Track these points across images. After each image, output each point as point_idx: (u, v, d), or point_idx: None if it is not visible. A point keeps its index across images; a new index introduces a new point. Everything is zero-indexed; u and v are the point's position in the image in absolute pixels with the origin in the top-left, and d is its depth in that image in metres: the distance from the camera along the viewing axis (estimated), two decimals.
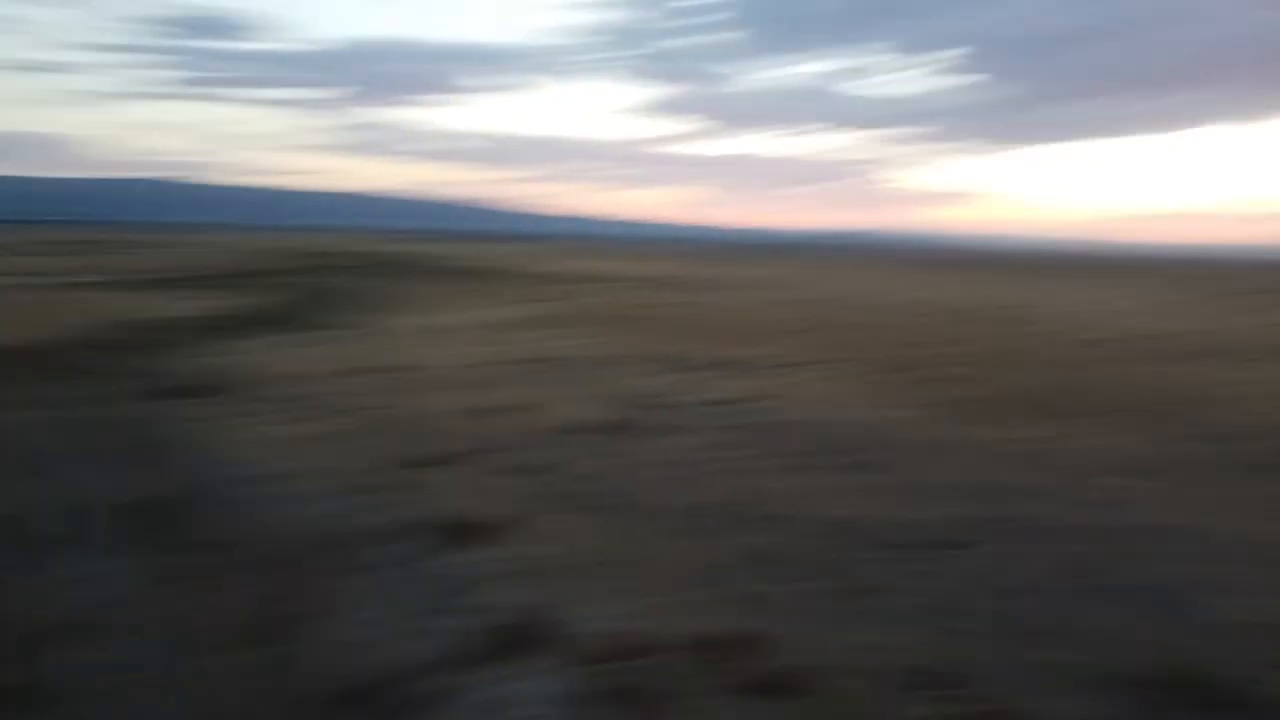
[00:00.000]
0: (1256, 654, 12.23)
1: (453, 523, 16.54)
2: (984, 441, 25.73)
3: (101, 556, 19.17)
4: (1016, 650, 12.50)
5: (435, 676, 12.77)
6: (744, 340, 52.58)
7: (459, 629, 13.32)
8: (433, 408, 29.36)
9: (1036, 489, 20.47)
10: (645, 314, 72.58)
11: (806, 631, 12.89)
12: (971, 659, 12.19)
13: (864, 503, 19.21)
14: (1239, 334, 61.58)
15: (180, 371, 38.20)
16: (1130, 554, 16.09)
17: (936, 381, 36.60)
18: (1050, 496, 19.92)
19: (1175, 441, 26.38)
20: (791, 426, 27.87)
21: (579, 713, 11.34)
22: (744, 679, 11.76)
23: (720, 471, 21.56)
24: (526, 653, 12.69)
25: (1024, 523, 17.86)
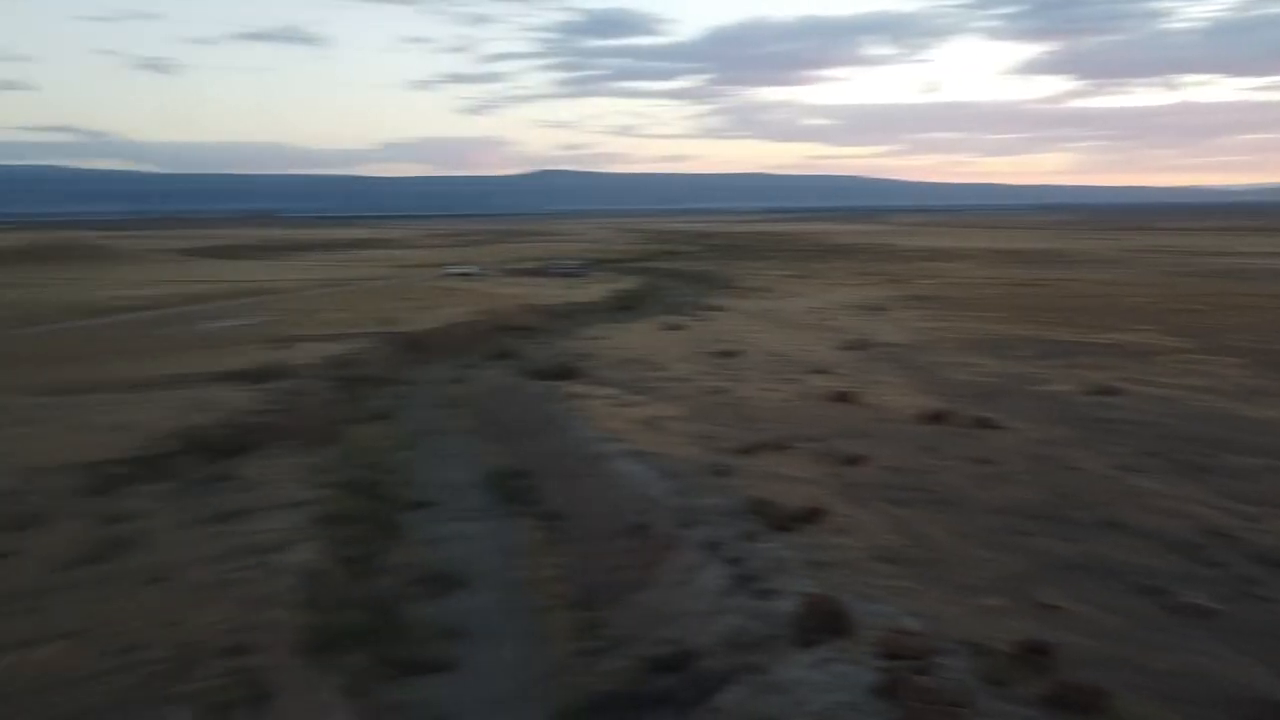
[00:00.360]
0: None
1: (771, 508, 17.52)
2: None
3: (471, 519, 22.45)
4: None
5: (737, 655, 13.88)
6: (1102, 323, 48.44)
7: (764, 611, 14.28)
8: (764, 392, 30.60)
9: None
10: (995, 294, 68.95)
11: (1117, 650, 12.32)
12: None
13: (1206, 514, 17.56)
14: None
15: (553, 353, 42.72)
16: None
17: None
18: None
19: None
20: (1137, 423, 25.67)
21: (870, 706, 11.85)
22: (1038, 692, 11.56)
23: (1047, 469, 20.54)
24: (824, 641, 13.36)
25: None
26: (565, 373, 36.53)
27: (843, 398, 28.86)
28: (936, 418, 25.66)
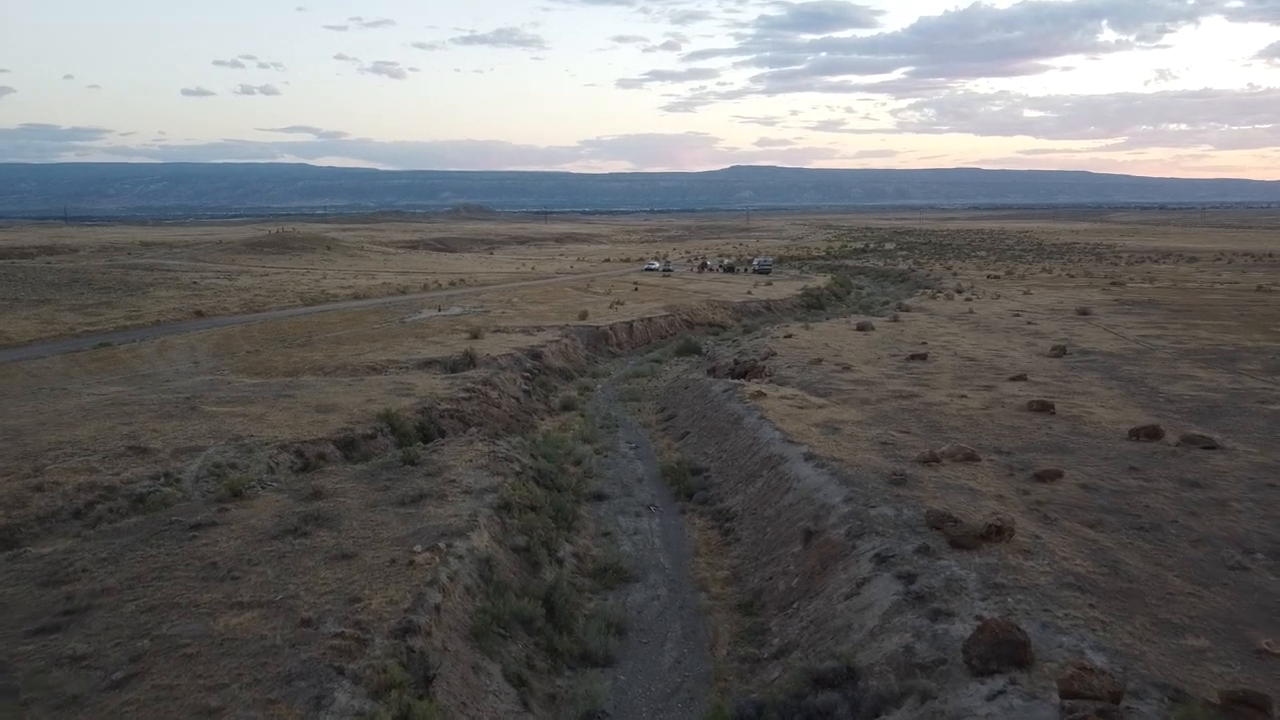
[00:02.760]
0: None
1: (951, 523, 16.58)
2: None
3: (645, 514, 22.54)
4: None
5: (905, 677, 13.16)
6: None
7: (936, 632, 13.49)
8: (954, 399, 29.13)
9: None
10: (1221, 300, 62.72)
11: None
12: None
13: None
14: None
15: (738, 351, 42.49)
16: None
17: None
18: None
19: None
20: None
21: None
22: None
23: (1272, 497, 18.34)
24: (1000, 670, 12.46)
25: None
26: (749, 371, 36.18)
27: (1041, 408, 26.99)
28: (1144, 434, 23.49)
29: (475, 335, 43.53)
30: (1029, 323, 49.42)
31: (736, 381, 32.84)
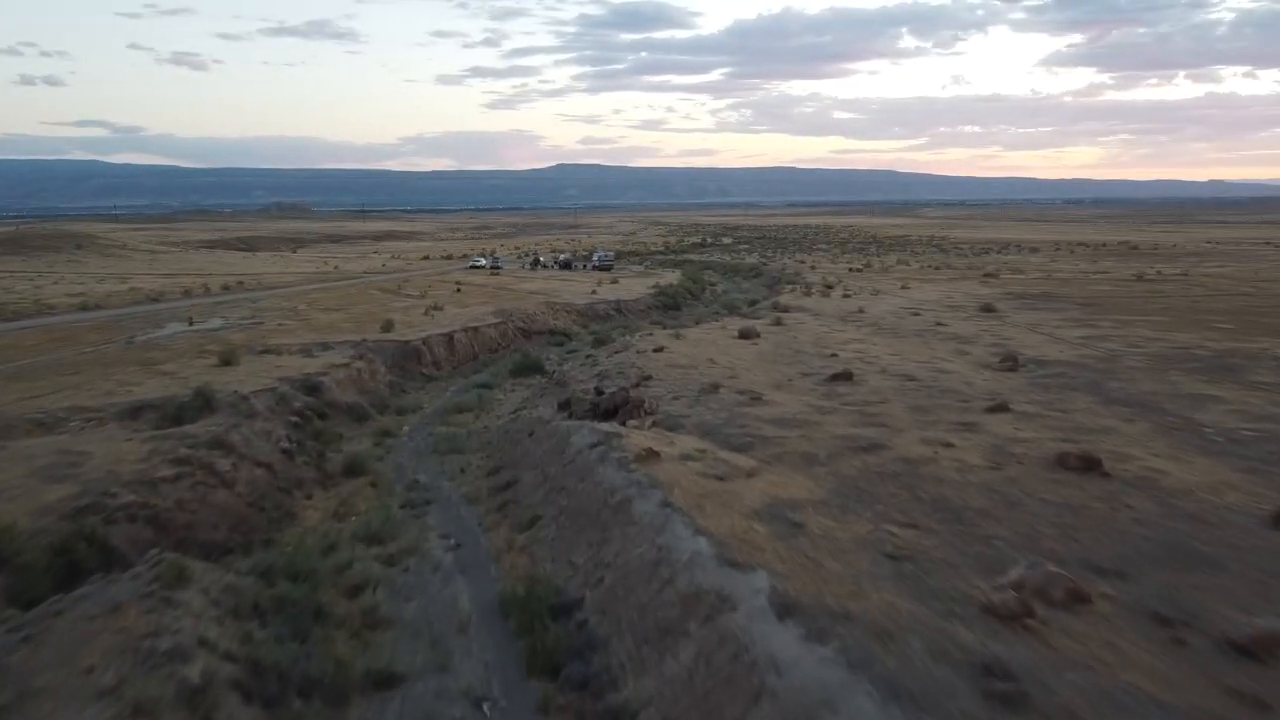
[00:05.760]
0: None
1: None
2: None
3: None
4: None
5: None
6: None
7: None
8: (936, 450, 19.46)
9: None
10: (1117, 292, 57.36)
11: None
12: None
13: None
14: None
15: (596, 370, 31.65)
16: None
17: None
18: None
19: None
20: None
21: None
22: None
23: None
24: None
25: None
26: (620, 406, 25.47)
27: (1083, 465, 17.56)
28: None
29: (227, 361, 30.96)
30: (938, 324, 41.12)
31: (607, 428, 22.03)
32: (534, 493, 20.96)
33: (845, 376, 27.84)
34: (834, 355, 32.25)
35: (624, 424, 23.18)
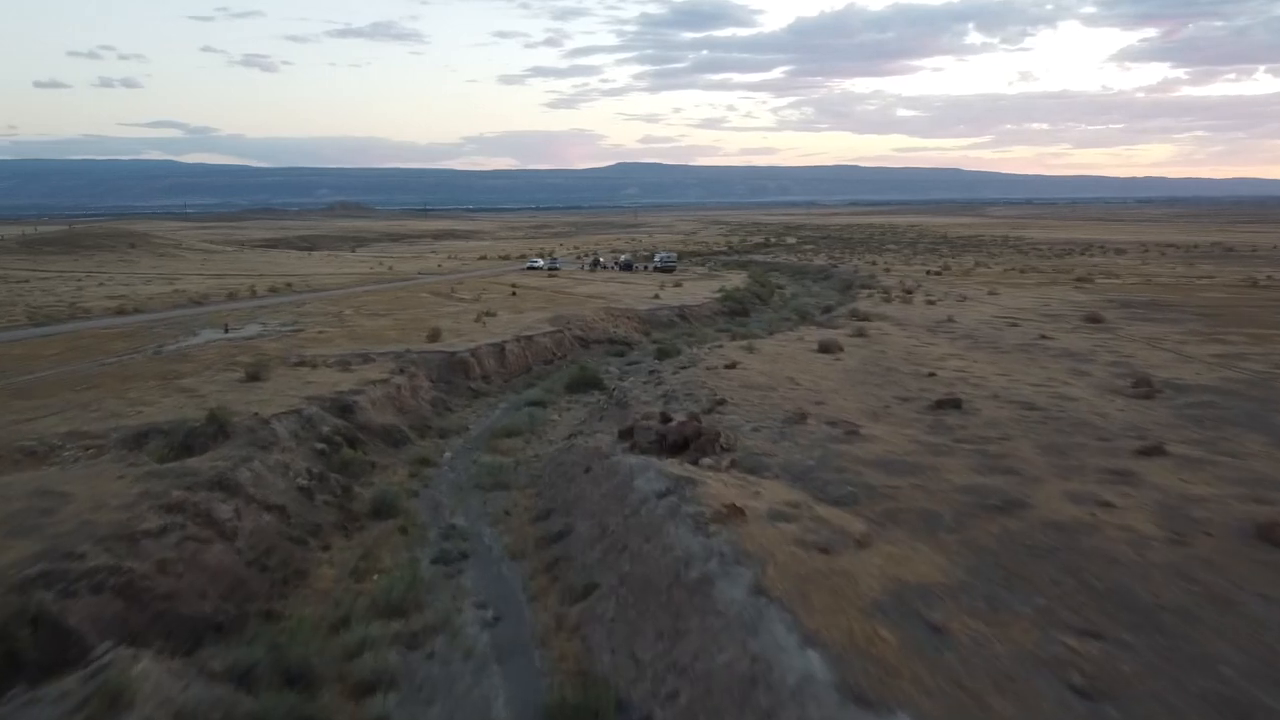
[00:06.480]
0: None
1: None
2: None
3: None
4: None
5: None
6: None
7: None
8: (1093, 515, 15.46)
9: None
10: (1232, 299, 52.04)
11: None
12: None
13: None
14: None
15: (661, 390, 28.00)
16: None
17: None
18: None
19: None
20: None
21: None
22: None
23: None
24: None
25: None
26: (691, 439, 21.80)
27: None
28: None
29: (255, 375, 28.05)
30: (1041, 336, 36.72)
31: (677, 470, 18.47)
32: (590, 550, 17.46)
33: (953, 404, 23.87)
34: (932, 375, 28.32)
35: (696, 462, 19.54)
